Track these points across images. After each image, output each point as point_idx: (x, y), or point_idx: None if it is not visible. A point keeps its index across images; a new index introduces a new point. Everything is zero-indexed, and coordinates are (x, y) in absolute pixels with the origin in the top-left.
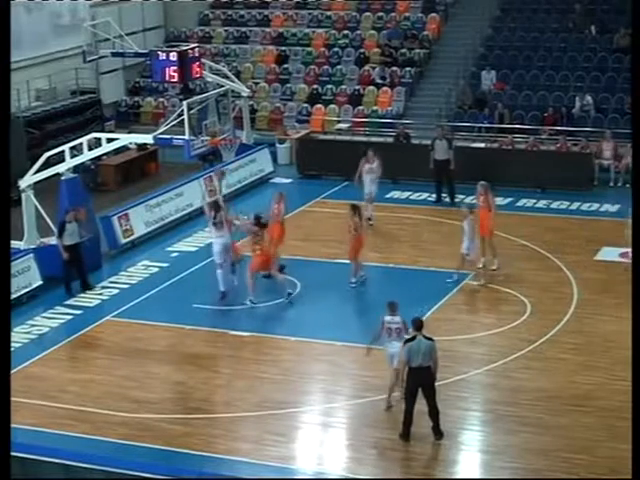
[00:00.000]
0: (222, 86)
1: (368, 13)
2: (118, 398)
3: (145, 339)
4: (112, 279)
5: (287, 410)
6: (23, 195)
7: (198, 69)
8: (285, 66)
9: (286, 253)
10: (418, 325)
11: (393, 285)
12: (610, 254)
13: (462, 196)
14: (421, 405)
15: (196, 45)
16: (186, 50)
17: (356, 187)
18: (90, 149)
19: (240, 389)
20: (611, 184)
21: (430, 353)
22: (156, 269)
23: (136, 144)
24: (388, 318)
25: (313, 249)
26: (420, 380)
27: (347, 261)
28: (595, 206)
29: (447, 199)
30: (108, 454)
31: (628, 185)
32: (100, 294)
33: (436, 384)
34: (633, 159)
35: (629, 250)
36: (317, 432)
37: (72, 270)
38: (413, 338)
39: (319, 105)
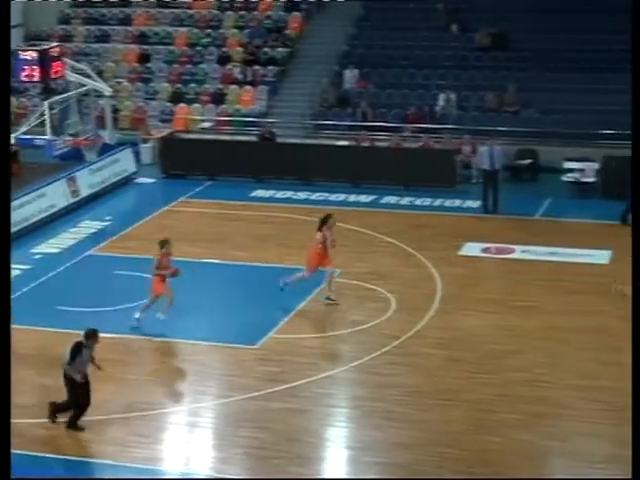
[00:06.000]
0: (84, 85)
1: (230, 12)
2: None
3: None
4: None
5: (154, 412)
6: None
7: (59, 68)
8: (147, 65)
9: (150, 253)
10: None
11: (260, 283)
12: (473, 249)
13: (326, 194)
14: (287, 403)
15: (57, 44)
16: (47, 49)
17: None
18: None
19: (108, 391)
20: (473, 181)
21: None
22: (19, 271)
23: None
24: None
25: (178, 249)
26: None
27: (214, 260)
28: (458, 202)
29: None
30: None
31: None
32: None
33: (301, 382)
34: (633, 159)
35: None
36: (183, 433)
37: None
38: None
39: (182, 104)
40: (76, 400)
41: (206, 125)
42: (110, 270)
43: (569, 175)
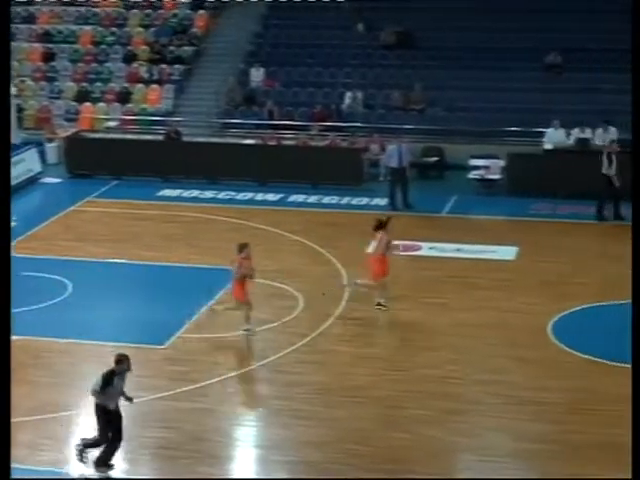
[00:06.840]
0: None
1: (135, 10)
2: None
3: None
4: None
5: (63, 414)
6: None
7: None
8: (52, 64)
9: (57, 254)
10: None
11: (167, 283)
12: None
13: (233, 193)
14: (196, 403)
15: None
16: None
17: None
18: None
19: (17, 394)
20: (380, 179)
21: None
22: None
23: None
24: None
25: (85, 249)
26: None
27: (121, 260)
28: (365, 200)
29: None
30: None
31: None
32: None
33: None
34: (633, 159)
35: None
36: (91, 434)
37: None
38: None
39: (87, 103)
40: (106, 432)
41: (112, 124)
42: (16, 271)
43: (475, 172)
